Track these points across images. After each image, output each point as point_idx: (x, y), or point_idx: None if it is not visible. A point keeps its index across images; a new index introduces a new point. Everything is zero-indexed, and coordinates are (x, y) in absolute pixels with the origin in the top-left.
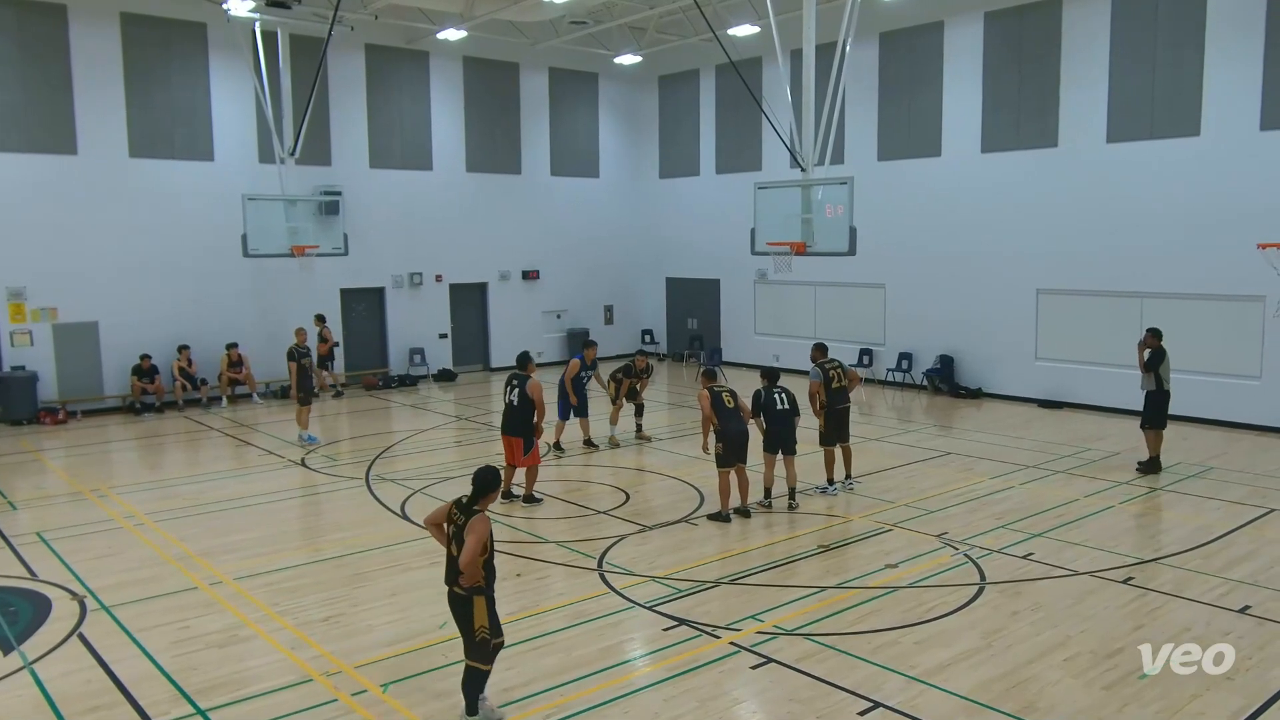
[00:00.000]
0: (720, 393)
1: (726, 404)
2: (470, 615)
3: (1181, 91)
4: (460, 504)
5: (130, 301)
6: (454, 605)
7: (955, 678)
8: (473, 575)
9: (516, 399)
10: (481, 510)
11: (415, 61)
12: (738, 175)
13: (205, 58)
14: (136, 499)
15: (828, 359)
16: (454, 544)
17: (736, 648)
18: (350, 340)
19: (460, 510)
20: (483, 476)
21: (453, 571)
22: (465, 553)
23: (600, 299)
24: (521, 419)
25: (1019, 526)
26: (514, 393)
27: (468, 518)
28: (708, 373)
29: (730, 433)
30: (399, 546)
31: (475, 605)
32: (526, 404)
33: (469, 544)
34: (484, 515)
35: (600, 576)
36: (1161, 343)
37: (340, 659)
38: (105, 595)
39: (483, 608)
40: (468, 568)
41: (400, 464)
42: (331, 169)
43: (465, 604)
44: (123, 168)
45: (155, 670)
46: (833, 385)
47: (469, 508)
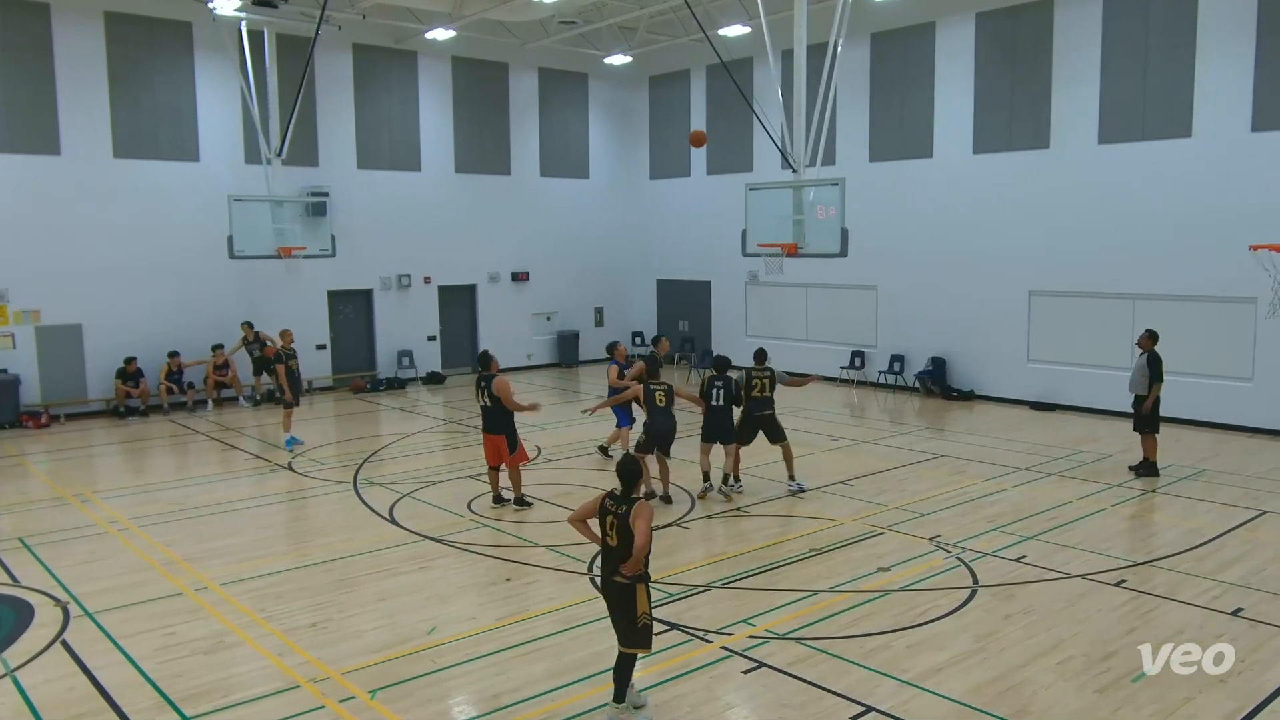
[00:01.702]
0: (655, 390)
1: (658, 402)
2: (633, 603)
3: (1173, 93)
4: (614, 496)
5: (114, 304)
6: (614, 594)
7: (948, 681)
8: (638, 562)
9: (489, 399)
10: (641, 498)
11: (403, 61)
12: (729, 176)
13: (191, 57)
14: (121, 504)
15: (759, 367)
16: (613, 535)
17: (728, 652)
18: (337, 343)
19: (616, 501)
20: (627, 467)
21: (613, 560)
22: (639, 537)
23: (590, 301)
24: (501, 417)
25: (1011, 529)
26: (485, 394)
27: (628, 508)
28: (650, 366)
29: (656, 427)
30: (387, 551)
31: (638, 593)
32: (498, 402)
33: (641, 529)
34: (646, 502)
35: (591, 581)
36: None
37: (328, 665)
38: (89, 601)
39: (644, 594)
40: (642, 552)
41: (388, 468)
42: (319, 170)
43: (628, 592)
44: (107, 168)
45: (140, 677)
46: (753, 393)
47: (626, 497)
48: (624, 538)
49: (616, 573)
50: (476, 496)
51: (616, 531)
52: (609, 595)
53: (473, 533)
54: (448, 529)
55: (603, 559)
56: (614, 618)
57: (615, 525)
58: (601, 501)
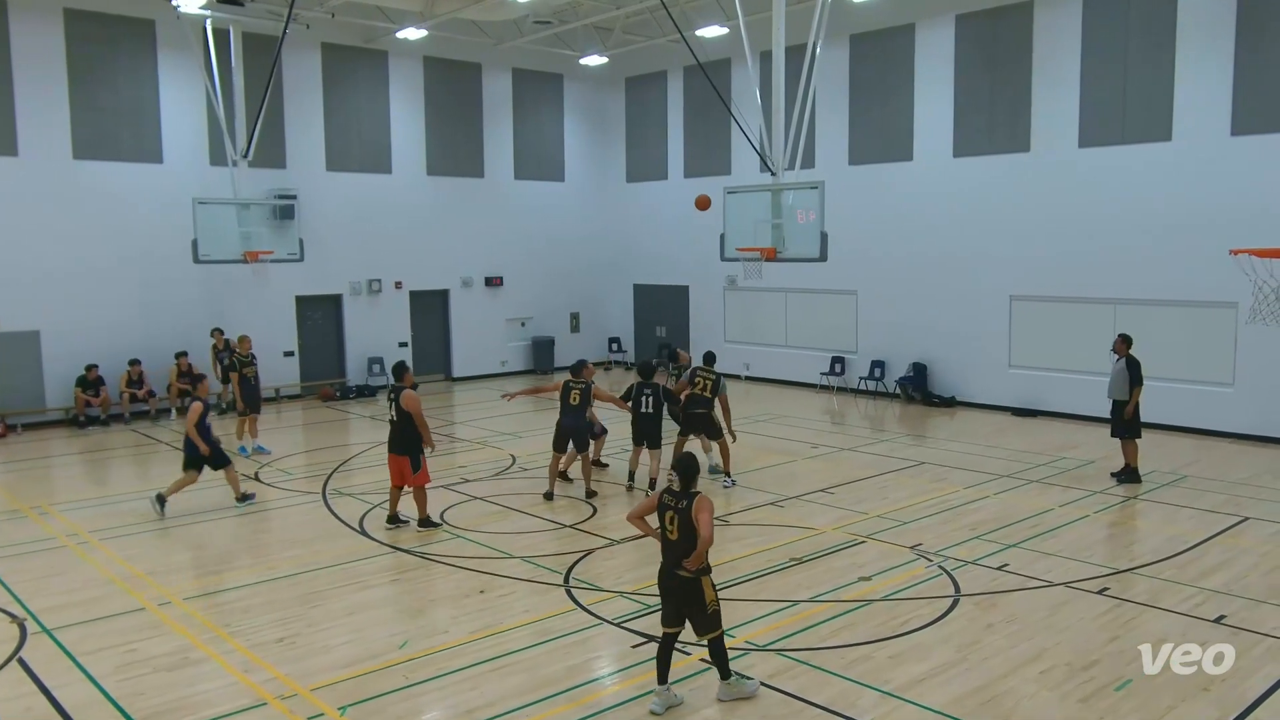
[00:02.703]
0: (572, 388)
1: (571, 401)
2: (700, 594)
3: (1153, 96)
4: (672, 491)
5: (74, 310)
6: (679, 589)
7: (930, 692)
8: (702, 556)
9: (396, 414)
10: (700, 492)
11: (373, 61)
12: (707, 179)
13: (154, 56)
14: (80, 516)
15: (707, 369)
16: (674, 530)
17: (707, 664)
18: (306, 349)
19: (675, 496)
20: (686, 462)
21: (675, 555)
22: (704, 529)
23: (566, 306)
24: (406, 435)
25: (993, 537)
26: (393, 407)
27: (689, 502)
28: (576, 365)
29: (561, 424)
30: (357, 563)
31: (704, 584)
32: (406, 418)
33: (704, 522)
34: (706, 496)
35: (567, 592)
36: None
37: (295, 681)
38: (46, 617)
39: (709, 584)
40: (706, 545)
41: (359, 478)
42: (286, 172)
43: (693, 585)
44: (66, 170)
45: (100, 696)
46: (695, 389)
47: (686, 493)
48: (685, 532)
49: (680, 566)
50: (449, 507)
51: (677, 526)
52: (672, 588)
53: (445, 544)
54: (419, 540)
55: (664, 553)
56: (673, 608)
57: (676, 520)
58: (660, 497)
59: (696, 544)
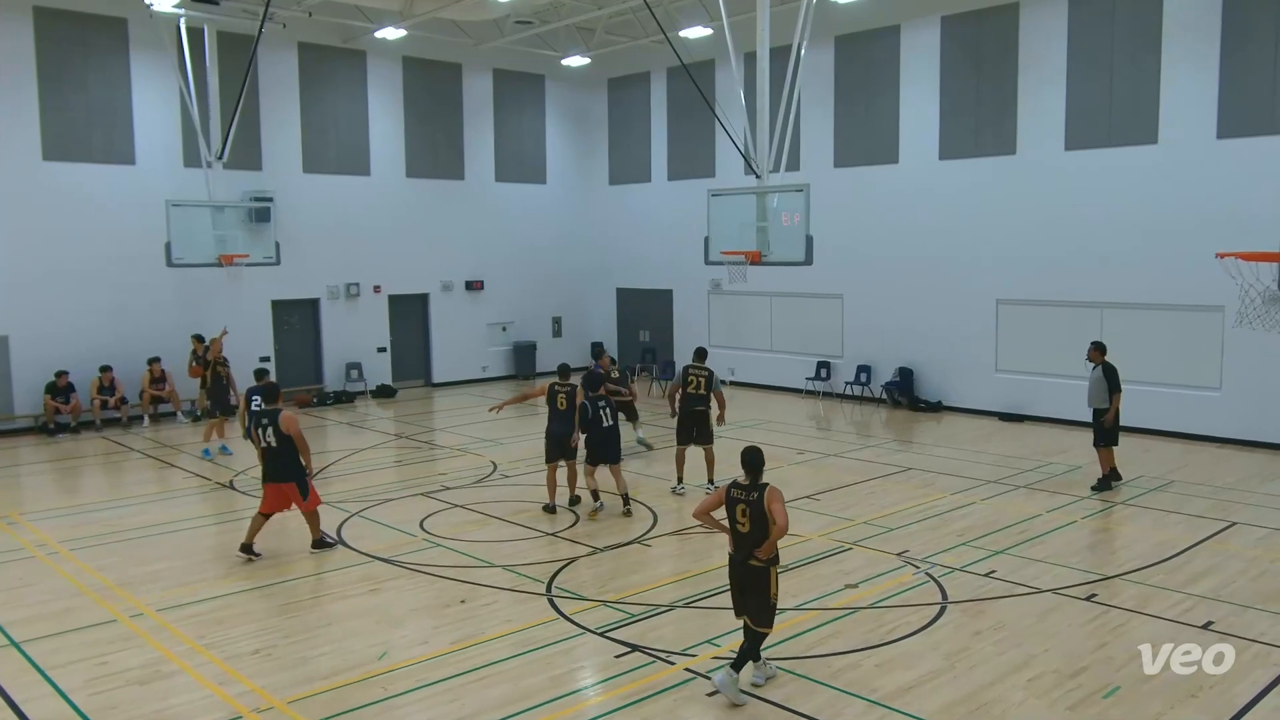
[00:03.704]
0: (559, 392)
1: (559, 405)
2: (767, 584)
3: (1139, 99)
4: (738, 485)
5: (44, 314)
6: (748, 578)
7: (918, 701)
8: (774, 544)
9: (274, 439)
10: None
11: (351, 61)
12: (690, 182)
13: (126, 55)
14: (50, 526)
15: (698, 365)
16: (745, 521)
17: (692, 674)
18: (282, 355)
19: (744, 489)
20: (753, 455)
21: (747, 546)
22: (781, 516)
23: (548, 310)
24: (287, 461)
25: (980, 543)
26: (268, 432)
27: (759, 493)
28: (561, 368)
29: (552, 432)
30: (335, 573)
31: (771, 575)
32: (286, 442)
33: (779, 511)
34: (775, 486)
35: (549, 602)
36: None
37: (272, 694)
38: (15, 630)
39: (775, 576)
40: (783, 533)
41: (336, 485)
42: (262, 174)
43: (762, 575)
44: (36, 171)
45: (70, 710)
46: (689, 389)
47: (756, 484)
48: (757, 523)
49: (752, 556)
50: (429, 515)
51: (749, 518)
52: (743, 578)
53: (425, 553)
54: (399, 549)
55: (735, 545)
56: (743, 599)
57: (747, 512)
58: (727, 492)
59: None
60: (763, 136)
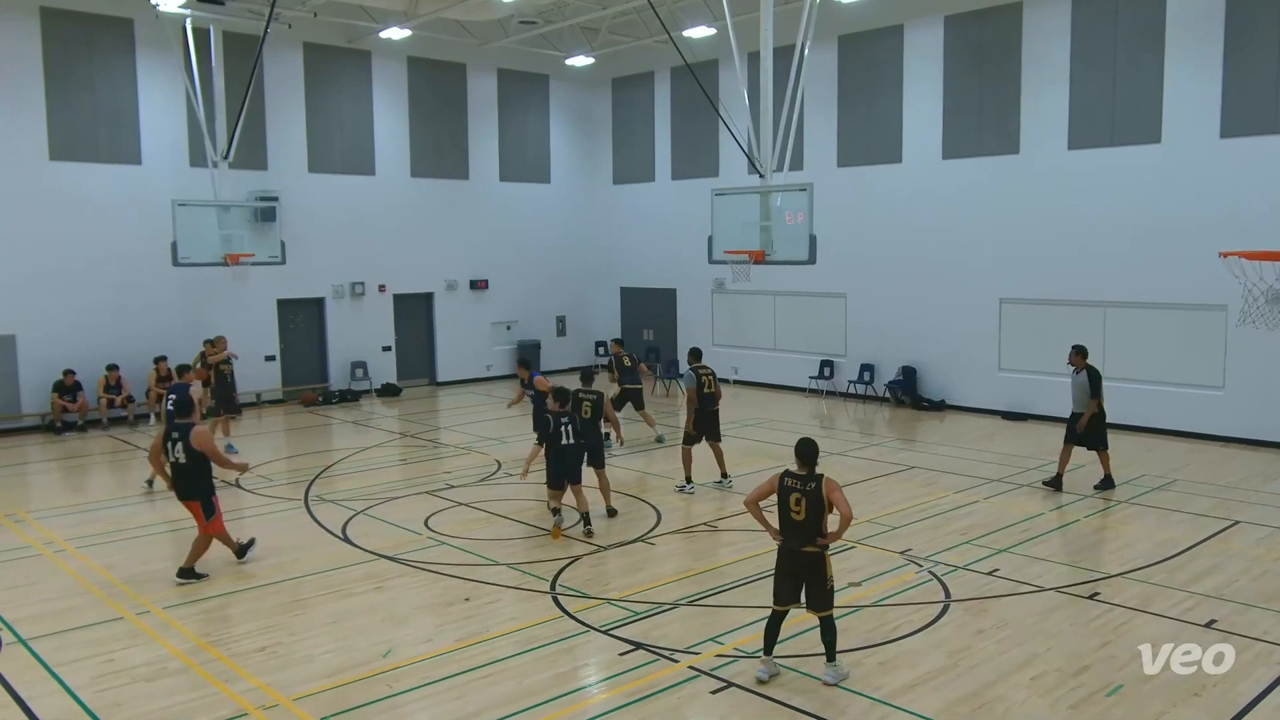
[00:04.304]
0: (584, 400)
1: (583, 414)
2: (823, 570)
3: (1142, 98)
4: (793, 475)
5: (51, 314)
6: (804, 565)
7: (921, 699)
8: (840, 535)
9: (183, 454)
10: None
11: (356, 61)
12: (694, 181)
13: (132, 55)
14: (56, 524)
15: (702, 365)
16: (800, 510)
17: (696, 672)
18: (288, 354)
19: (800, 479)
20: (808, 445)
21: (806, 534)
22: (845, 506)
23: (552, 310)
24: (193, 479)
25: (983, 542)
26: (177, 447)
27: (816, 483)
28: (585, 373)
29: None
30: (339, 571)
31: (827, 560)
32: (197, 458)
33: (842, 499)
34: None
35: (553, 600)
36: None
37: (277, 691)
38: (22, 627)
39: (830, 562)
40: (849, 522)
41: (341, 484)
42: (267, 173)
43: (819, 561)
44: (42, 171)
45: (77, 707)
46: (704, 390)
47: (812, 475)
48: (813, 511)
49: (809, 543)
50: (433, 513)
51: (804, 507)
52: (798, 566)
53: (430, 551)
54: (404, 547)
55: (788, 535)
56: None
57: (802, 501)
58: (780, 481)
59: (822, 523)
60: (766, 136)
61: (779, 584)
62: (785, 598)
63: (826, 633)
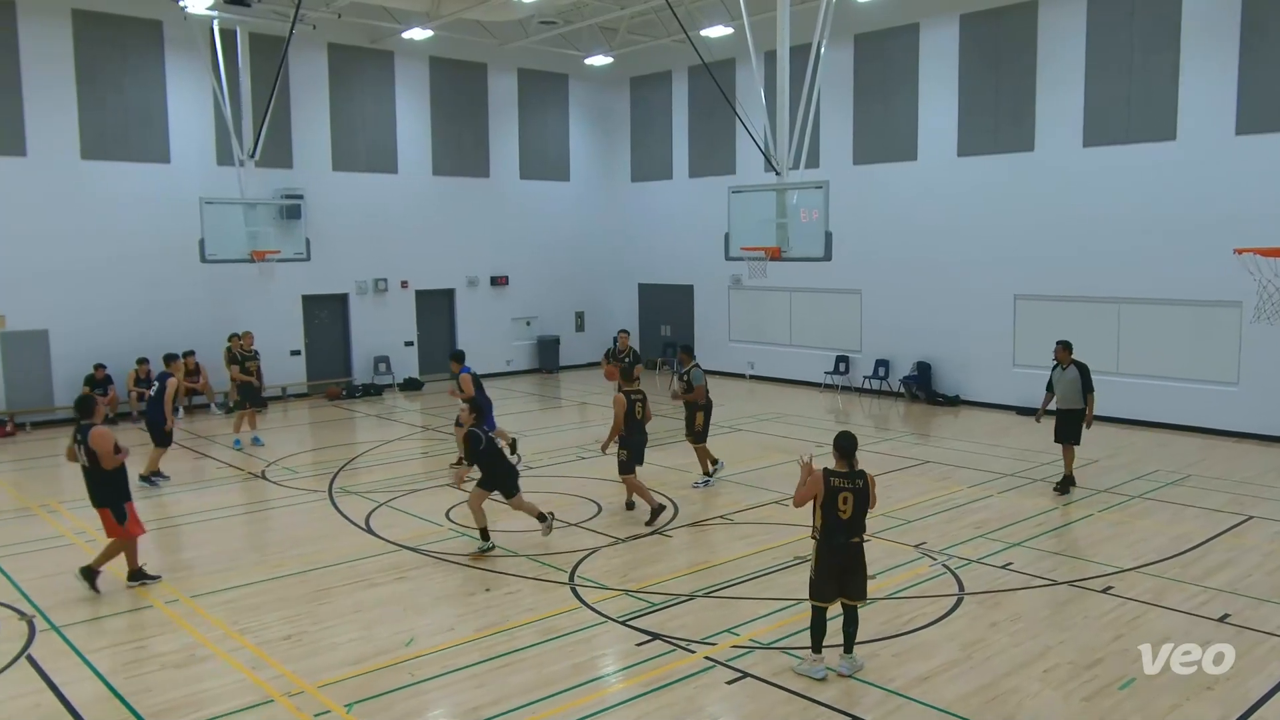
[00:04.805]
0: (635, 401)
1: (636, 414)
2: (864, 559)
3: (1157, 96)
4: (839, 474)
5: (82, 309)
6: (854, 558)
7: (934, 690)
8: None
9: (85, 458)
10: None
11: (379, 61)
12: (711, 179)
13: (161, 57)
14: (88, 515)
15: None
16: (847, 508)
17: (711, 662)
18: (312, 348)
19: (847, 477)
20: (848, 440)
21: (848, 530)
22: (875, 499)
23: (571, 305)
24: (99, 485)
25: (997, 536)
26: (82, 450)
27: (863, 480)
28: (625, 371)
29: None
30: (363, 561)
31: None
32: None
33: (875, 493)
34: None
35: (572, 590)
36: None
37: (302, 679)
38: (55, 615)
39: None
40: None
41: (364, 476)
42: (293, 172)
43: (862, 552)
44: (74, 170)
45: (108, 692)
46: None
47: (855, 471)
48: (859, 509)
49: (855, 537)
50: (454, 505)
51: (852, 505)
52: (850, 559)
53: (451, 542)
54: (425, 538)
55: (834, 532)
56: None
57: (851, 499)
58: (826, 481)
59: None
60: (783, 134)
61: (823, 581)
62: (831, 594)
63: (850, 624)
